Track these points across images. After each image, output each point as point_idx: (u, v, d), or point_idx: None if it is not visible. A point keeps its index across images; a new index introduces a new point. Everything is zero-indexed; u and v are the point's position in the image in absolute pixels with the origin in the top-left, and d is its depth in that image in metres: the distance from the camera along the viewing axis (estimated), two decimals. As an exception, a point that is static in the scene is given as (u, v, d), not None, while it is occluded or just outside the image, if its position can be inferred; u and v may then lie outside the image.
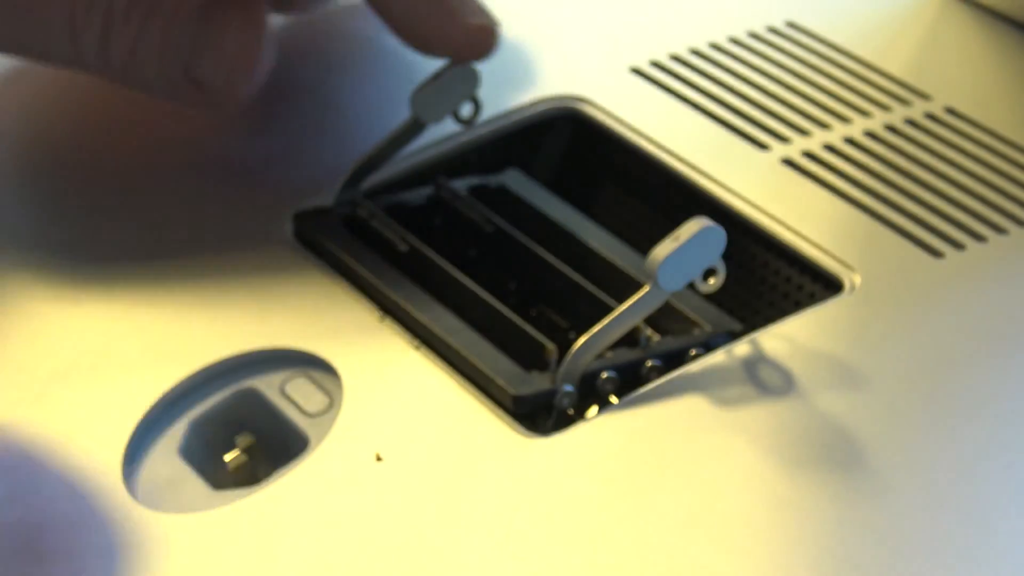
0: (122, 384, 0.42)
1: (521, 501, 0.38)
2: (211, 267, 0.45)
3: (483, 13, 0.46)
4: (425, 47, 0.46)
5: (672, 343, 0.43)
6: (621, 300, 0.41)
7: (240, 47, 0.44)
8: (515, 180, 0.49)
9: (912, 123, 0.51)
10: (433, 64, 0.47)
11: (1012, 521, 0.38)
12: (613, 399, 0.41)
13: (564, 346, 0.41)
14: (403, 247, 0.45)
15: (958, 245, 0.46)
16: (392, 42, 0.51)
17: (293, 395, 0.42)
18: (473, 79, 0.47)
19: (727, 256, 0.41)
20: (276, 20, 0.48)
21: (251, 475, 0.41)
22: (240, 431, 0.41)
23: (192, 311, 0.44)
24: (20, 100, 0.51)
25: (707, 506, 0.38)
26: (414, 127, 0.46)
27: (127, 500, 0.39)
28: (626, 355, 0.42)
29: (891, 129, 0.51)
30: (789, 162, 0.49)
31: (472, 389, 0.41)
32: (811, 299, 0.45)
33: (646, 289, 0.40)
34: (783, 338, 0.42)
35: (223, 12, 0.44)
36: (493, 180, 0.49)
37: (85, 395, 0.42)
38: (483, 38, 0.46)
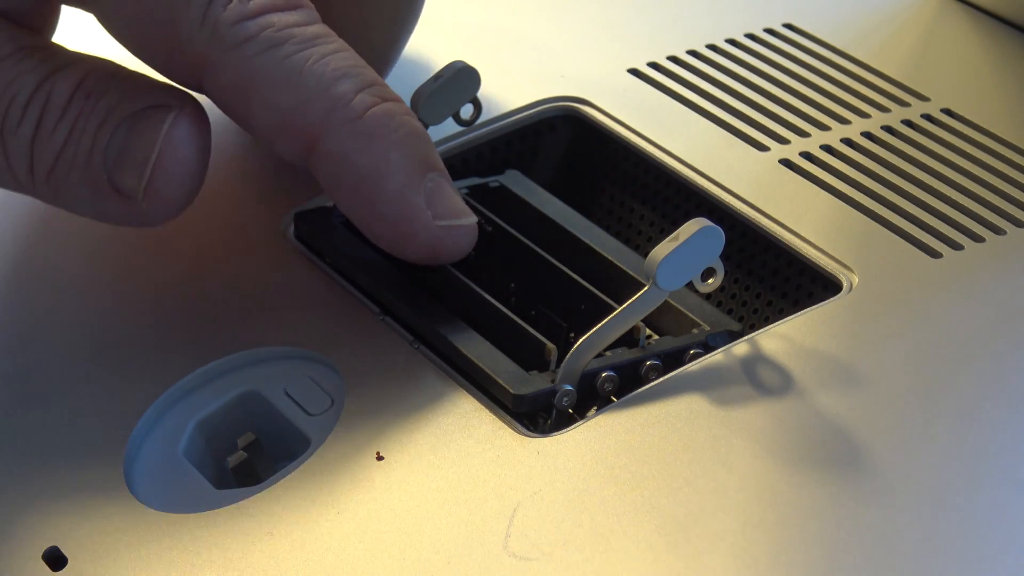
0: (124, 384, 0.42)
1: (521, 500, 0.38)
2: (212, 267, 0.45)
3: (454, 212, 0.42)
4: (394, 252, 0.43)
5: (671, 343, 0.43)
6: (621, 300, 0.41)
7: (166, 156, 0.40)
8: (515, 180, 0.49)
9: (910, 124, 0.51)
10: (434, 66, 0.47)
11: (1011, 520, 0.38)
12: (612, 399, 0.41)
13: (564, 346, 0.41)
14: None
15: (956, 246, 0.46)
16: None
17: (295, 395, 0.42)
18: (474, 81, 0.47)
19: (726, 256, 0.41)
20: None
21: (253, 474, 0.41)
22: (242, 430, 0.41)
23: (193, 311, 0.44)
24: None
25: (706, 505, 0.38)
26: (414, 128, 0.47)
27: (129, 499, 0.39)
28: (625, 355, 0.42)
29: (889, 130, 0.51)
30: (787, 163, 0.49)
31: (472, 389, 0.41)
32: (809, 299, 0.45)
33: (645, 289, 0.40)
34: (782, 338, 0.42)
35: (155, 118, 0.41)
36: (493, 180, 0.49)
37: (87, 395, 0.42)
38: (452, 242, 0.43)
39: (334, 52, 0.41)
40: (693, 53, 0.54)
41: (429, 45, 0.54)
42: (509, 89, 0.51)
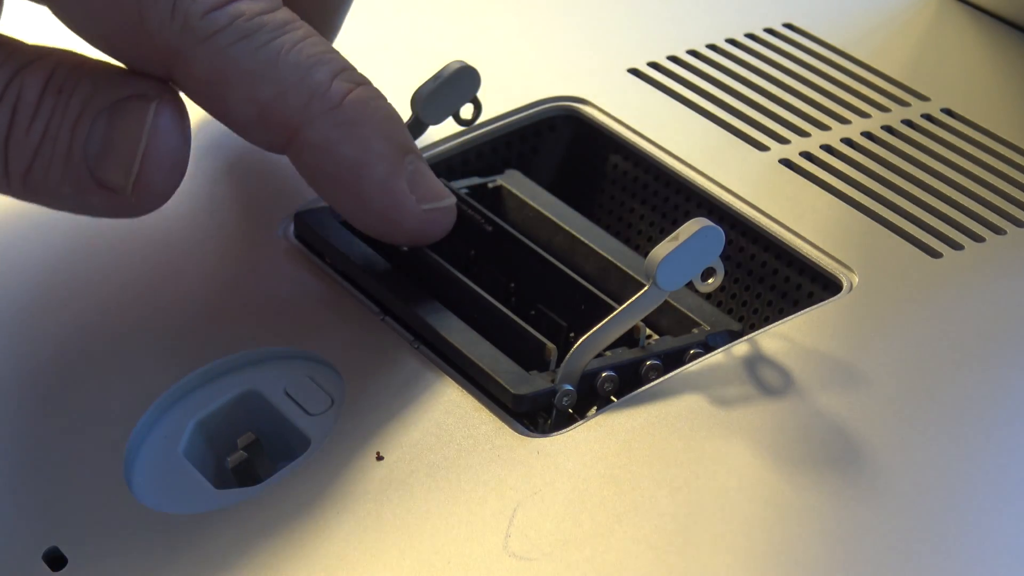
0: (124, 383, 0.42)
1: (521, 500, 0.38)
2: (212, 267, 0.45)
3: (435, 194, 0.42)
4: (380, 237, 0.43)
5: (671, 343, 0.43)
6: (621, 300, 0.41)
7: (153, 148, 0.40)
8: (515, 180, 0.49)
9: (910, 124, 0.51)
10: (434, 66, 0.47)
11: (1011, 520, 0.38)
12: (612, 399, 0.41)
13: (564, 346, 0.41)
14: (403, 247, 0.45)
15: (956, 245, 0.46)
16: (392, 43, 0.51)
17: (295, 395, 0.42)
18: (474, 80, 0.47)
19: (726, 256, 0.41)
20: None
21: (253, 474, 0.41)
22: (242, 430, 0.41)
23: (193, 311, 0.44)
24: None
25: (706, 505, 0.38)
26: (415, 128, 0.47)
27: (129, 499, 0.39)
28: (625, 355, 0.42)
29: (889, 130, 0.51)
30: (787, 163, 0.49)
31: (472, 389, 0.41)
32: (809, 299, 0.45)
33: (645, 289, 0.40)
34: (782, 338, 0.42)
35: (136, 110, 0.40)
36: (493, 180, 0.49)
37: (87, 395, 0.42)
38: (436, 224, 0.43)
39: (304, 38, 0.41)
40: (693, 53, 0.54)
41: (429, 45, 0.54)
42: (509, 89, 0.51)
